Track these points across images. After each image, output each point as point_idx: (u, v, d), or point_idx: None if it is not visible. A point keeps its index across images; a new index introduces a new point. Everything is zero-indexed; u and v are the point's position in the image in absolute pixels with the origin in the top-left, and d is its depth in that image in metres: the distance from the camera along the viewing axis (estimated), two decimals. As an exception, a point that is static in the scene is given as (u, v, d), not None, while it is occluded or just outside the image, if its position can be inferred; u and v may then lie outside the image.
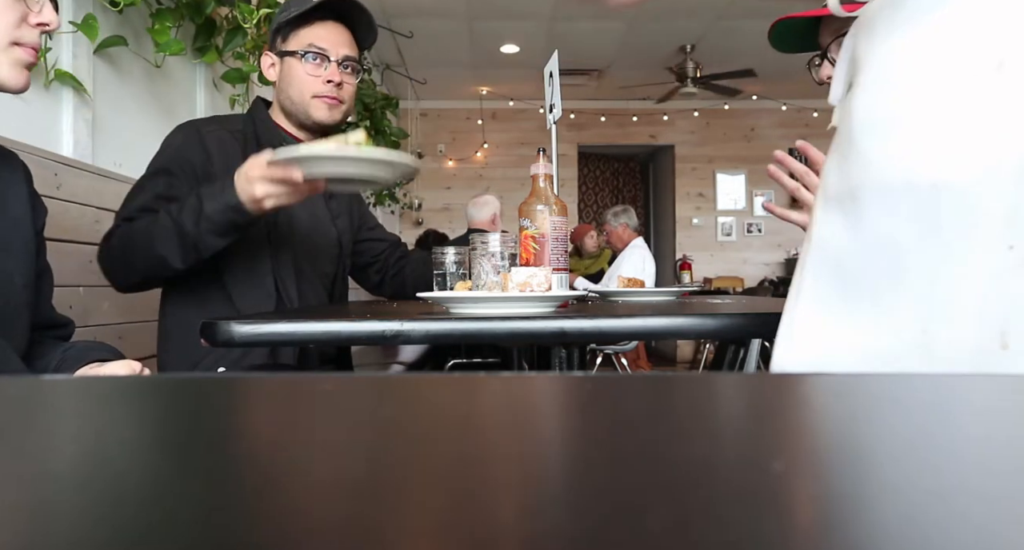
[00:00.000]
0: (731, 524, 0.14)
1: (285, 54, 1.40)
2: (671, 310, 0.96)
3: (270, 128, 1.42)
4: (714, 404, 0.31)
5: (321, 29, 1.39)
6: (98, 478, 0.18)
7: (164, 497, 0.17)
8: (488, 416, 0.28)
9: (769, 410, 0.29)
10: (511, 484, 0.18)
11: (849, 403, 0.31)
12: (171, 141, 1.36)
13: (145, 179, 1.32)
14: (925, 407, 0.29)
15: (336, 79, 1.39)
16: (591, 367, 4.57)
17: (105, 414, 0.28)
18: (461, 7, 4.50)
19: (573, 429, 0.25)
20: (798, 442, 0.24)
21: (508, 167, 6.56)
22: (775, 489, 0.17)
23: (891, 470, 0.19)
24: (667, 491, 0.17)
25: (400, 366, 2.79)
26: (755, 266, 6.65)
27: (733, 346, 2.95)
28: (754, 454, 0.21)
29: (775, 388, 0.35)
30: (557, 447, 0.23)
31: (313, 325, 0.80)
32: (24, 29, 0.86)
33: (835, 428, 0.26)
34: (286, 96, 1.41)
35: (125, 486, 0.18)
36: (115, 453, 0.21)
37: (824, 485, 0.18)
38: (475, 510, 0.16)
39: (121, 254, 1.24)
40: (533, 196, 1.18)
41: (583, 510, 0.15)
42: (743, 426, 0.26)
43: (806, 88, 6.19)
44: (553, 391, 0.33)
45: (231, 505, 0.16)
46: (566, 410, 0.29)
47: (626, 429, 0.24)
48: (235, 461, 0.21)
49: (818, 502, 0.17)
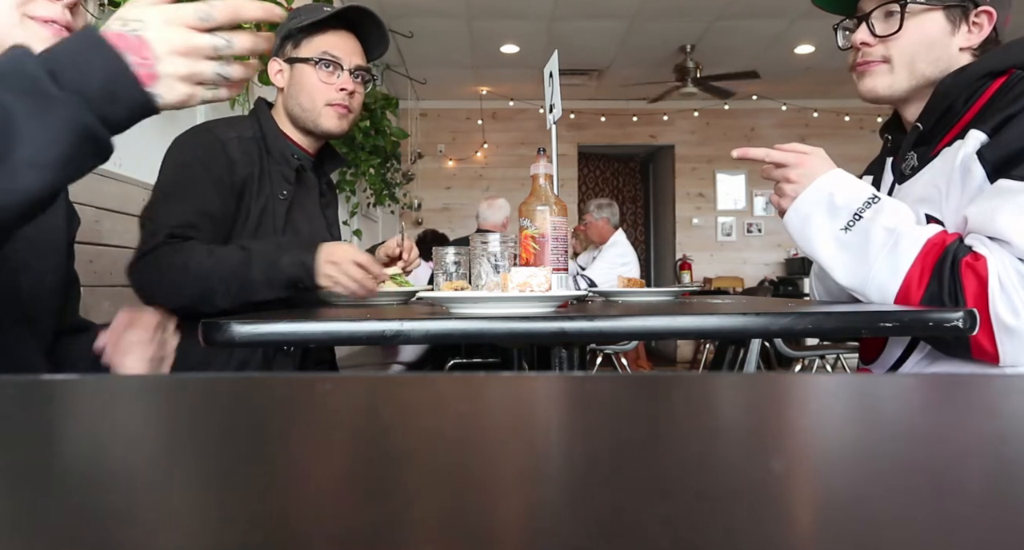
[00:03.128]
0: (731, 524, 0.14)
1: (296, 61, 1.39)
2: (671, 310, 0.96)
3: (277, 135, 1.42)
4: (714, 404, 0.31)
5: (335, 37, 1.39)
6: (97, 477, 0.18)
7: (164, 497, 0.17)
8: (488, 416, 0.28)
9: (769, 410, 0.29)
10: (511, 484, 0.18)
11: (849, 403, 0.31)
12: (191, 149, 1.33)
13: (171, 187, 1.28)
14: (925, 407, 0.29)
15: (349, 87, 1.39)
16: (591, 367, 4.57)
17: (105, 414, 0.28)
18: (461, 7, 4.50)
19: (573, 429, 0.25)
20: (798, 442, 0.24)
21: (508, 167, 6.56)
22: (775, 489, 0.17)
23: (891, 470, 0.19)
24: (667, 491, 0.17)
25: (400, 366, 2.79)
26: (755, 266, 6.65)
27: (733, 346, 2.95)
28: (754, 454, 0.21)
29: (775, 388, 0.35)
30: (557, 447, 0.23)
31: (313, 325, 0.80)
32: (38, 3, 0.79)
33: (835, 428, 0.26)
34: (296, 103, 1.40)
35: (125, 486, 0.18)
36: (115, 452, 0.21)
37: (824, 485, 0.18)
38: (475, 509, 0.16)
39: (168, 275, 1.17)
40: (533, 196, 1.18)
41: (583, 509, 0.15)
42: (743, 426, 0.26)
43: (806, 88, 6.20)
44: (553, 391, 0.33)
45: (232, 504, 0.16)
46: (566, 410, 0.29)
47: (626, 429, 0.24)
48: (235, 461, 0.21)
49: (818, 502, 0.17)
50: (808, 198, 1.09)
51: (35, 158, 0.61)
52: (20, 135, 0.60)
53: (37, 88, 0.61)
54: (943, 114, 1.12)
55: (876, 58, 1.16)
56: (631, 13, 4.62)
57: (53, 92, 0.61)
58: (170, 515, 0.15)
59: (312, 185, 1.49)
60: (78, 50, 0.64)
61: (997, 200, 0.95)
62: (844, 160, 1.17)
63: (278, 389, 0.33)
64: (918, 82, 1.14)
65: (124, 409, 0.30)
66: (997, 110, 1.02)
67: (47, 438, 0.23)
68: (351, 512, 0.15)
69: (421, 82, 5.65)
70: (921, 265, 0.97)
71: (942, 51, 1.12)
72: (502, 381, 0.36)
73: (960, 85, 1.09)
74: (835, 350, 3.72)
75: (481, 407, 0.30)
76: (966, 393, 0.32)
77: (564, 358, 0.96)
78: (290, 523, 0.14)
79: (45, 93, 0.61)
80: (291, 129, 1.44)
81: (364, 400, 0.31)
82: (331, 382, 0.37)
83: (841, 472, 0.19)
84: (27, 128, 0.60)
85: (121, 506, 0.16)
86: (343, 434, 0.24)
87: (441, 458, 0.20)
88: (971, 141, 1.02)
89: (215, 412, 0.30)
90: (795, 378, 0.72)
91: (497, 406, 0.30)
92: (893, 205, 1.04)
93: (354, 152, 4.24)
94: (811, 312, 0.83)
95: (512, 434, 0.24)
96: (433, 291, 1.16)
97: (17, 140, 0.60)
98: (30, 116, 0.60)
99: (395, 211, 6.12)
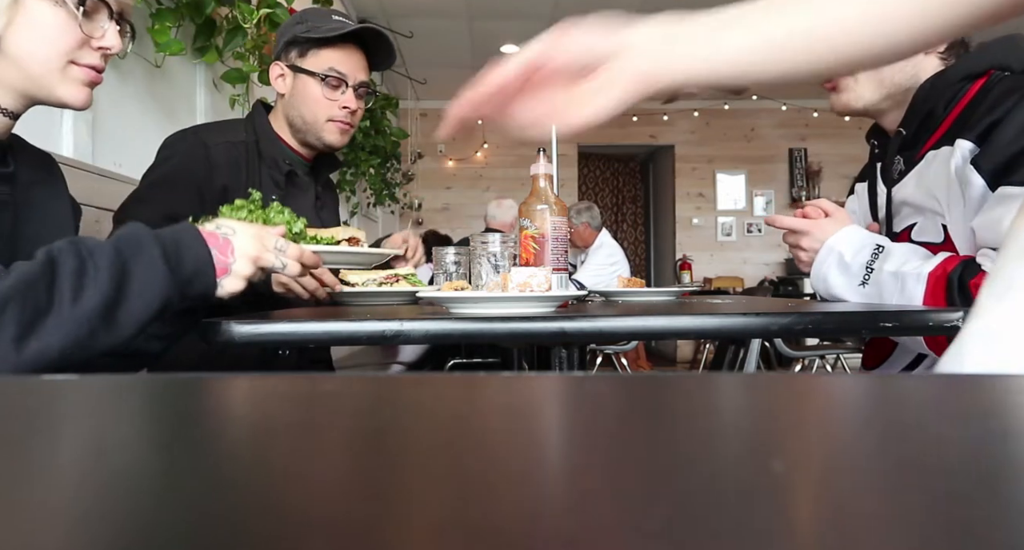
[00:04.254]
0: (731, 524, 0.14)
1: (301, 71, 1.38)
2: (671, 310, 0.96)
3: (272, 140, 1.41)
4: (714, 404, 0.31)
5: (342, 52, 1.38)
6: (97, 477, 0.18)
7: (163, 497, 0.17)
8: (488, 416, 0.28)
9: (769, 410, 0.29)
10: (511, 484, 0.18)
11: (848, 403, 0.31)
12: (174, 152, 1.33)
13: (145, 190, 1.29)
14: (925, 407, 0.29)
15: (353, 106, 1.39)
16: (591, 367, 4.57)
17: (104, 414, 0.28)
18: (461, 7, 4.50)
19: (573, 429, 0.25)
20: (798, 442, 0.24)
21: (508, 167, 6.56)
22: (775, 489, 0.17)
23: (891, 470, 0.19)
24: (667, 491, 0.17)
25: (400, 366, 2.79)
26: (755, 266, 6.65)
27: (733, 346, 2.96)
28: (754, 454, 0.21)
29: (775, 388, 0.35)
30: (557, 447, 0.23)
31: (313, 325, 0.80)
32: (85, 51, 0.89)
33: (835, 428, 0.26)
34: (297, 114, 1.40)
35: (124, 486, 0.18)
36: (114, 453, 0.21)
37: (824, 485, 0.18)
38: (475, 510, 0.16)
39: None
40: (533, 196, 1.18)
41: (583, 509, 0.15)
42: (743, 426, 0.26)
43: (806, 88, 6.20)
44: (553, 391, 0.33)
45: (231, 505, 0.16)
46: (566, 410, 0.29)
47: (626, 429, 0.24)
48: (235, 461, 0.21)
49: (818, 502, 0.17)
50: (821, 262, 1.12)
51: (130, 319, 0.74)
52: (127, 298, 0.73)
53: (151, 262, 0.75)
54: (925, 118, 1.13)
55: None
56: (631, 13, 4.61)
57: (159, 267, 0.75)
58: (169, 515, 0.15)
59: (307, 188, 1.48)
60: (180, 238, 0.79)
61: (1000, 208, 0.96)
62: (844, 160, 1.18)
63: (278, 389, 0.33)
64: (888, 90, 1.16)
65: (124, 409, 0.30)
66: (980, 116, 1.03)
67: (47, 438, 0.23)
68: (350, 512, 0.15)
69: (421, 82, 5.65)
70: (932, 300, 0.99)
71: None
72: (502, 381, 0.36)
73: (940, 89, 1.10)
74: (835, 350, 3.72)
75: (481, 407, 0.30)
76: (966, 393, 0.32)
77: (564, 358, 0.96)
78: (289, 523, 0.14)
79: (154, 267, 0.75)
80: (289, 135, 1.43)
81: (364, 400, 0.31)
82: (331, 382, 0.37)
83: (841, 472, 0.19)
84: (133, 294, 0.74)
85: (120, 506, 0.16)
86: (343, 434, 0.24)
87: (441, 458, 0.20)
88: (959, 151, 1.03)
89: (215, 412, 0.30)
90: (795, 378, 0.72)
91: (497, 406, 0.30)
92: (898, 250, 1.06)
93: (354, 152, 4.24)
94: (811, 312, 0.83)
95: (512, 434, 0.24)
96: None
97: (123, 302, 0.73)
98: (140, 283, 0.74)
99: (395, 211, 6.12)
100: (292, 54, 1.40)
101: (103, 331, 0.72)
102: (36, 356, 0.68)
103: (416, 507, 0.16)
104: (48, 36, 0.85)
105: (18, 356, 0.67)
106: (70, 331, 0.69)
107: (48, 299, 0.69)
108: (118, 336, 0.73)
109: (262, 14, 2.11)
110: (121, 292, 0.73)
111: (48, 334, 0.68)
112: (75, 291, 0.70)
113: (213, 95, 2.34)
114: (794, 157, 6.61)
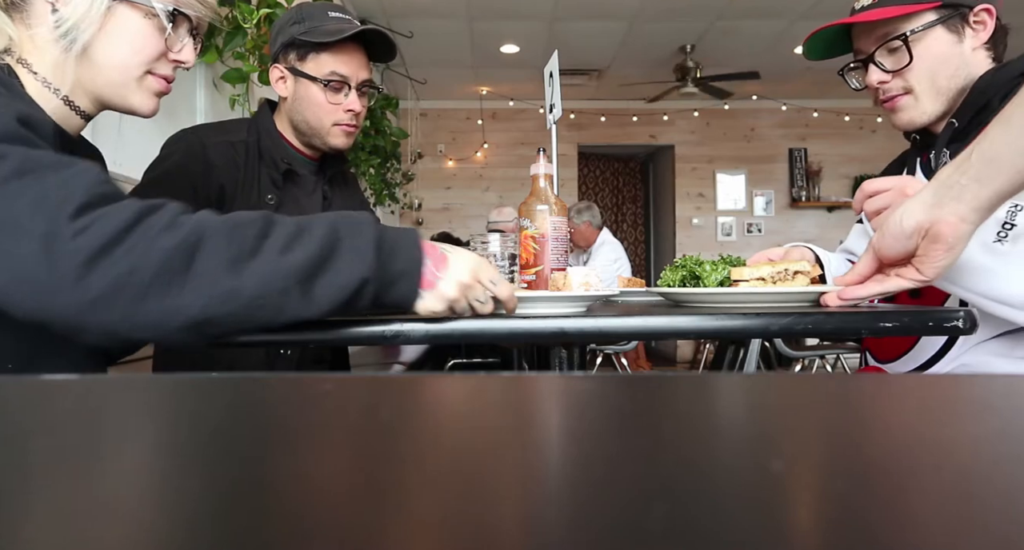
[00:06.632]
0: (731, 523, 0.14)
1: (301, 75, 1.37)
2: (671, 310, 0.96)
3: (275, 140, 1.40)
4: (714, 404, 0.31)
5: (342, 54, 1.36)
6: (97, 477, 0.18)
7: (163, 497, 0.17)
8: (488, 416, 0.28)
9: (769, 410, 0.29)
10: (511, 484, 0.18)
11: (849, 403, 0.31)
12: (172, 151, 1.33)
13: (141, 188, 1.29)
14: (925, 407, 0.29)
15: (357, 108, 1.37)
16: (591, 367, 4.57)
17: (105, 413, 0.28)
18: (461, 7, 4.50)
19: (573, 429, 0.25)
20: (798, 442, 0.24)
21: (508, 167, 6.56)
22: (775, 489, 0.17)
23: (891, 470, 0.19)
24: (667, 491, 0.17)
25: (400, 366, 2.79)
26: (755, 266, 6.64)
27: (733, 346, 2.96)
28: (754, 454, 0.21)
29: (775, 388, 0.35)
30: (557, 447, 0.23)
31: (313, 325, 0.80)
32: (162, 62, 0.92)
33: (835, 428, 0.26)
34: (301, 118, 1.39)
35: (124, 485, 0.18)
36: (114, 452, 0.21)
37: (824, 485, 0.18)
38: (476, 510, 0.16)
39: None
40: (533, 196, 1.18)
41: (583, 509, 0.15)
42: (743, 426, 0.26)
43: (806, 88, 6.20)
44: (553, 391, 0.33)
45: (231, 504, 0.16)
46: (566, 410, 0.29)
47: (626, 429, 0.24)
48: (235, 461, 0.21)
49: (818, 502, 0.17)
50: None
51: (324, 292, 0.73)
52: (327, 271, 0.73)
53: (363, 246, 0.75)
54: (979, 111, 1.11)
55: (898, 92, 1.16)
56: (631, 13, 4.62)
57: (369, 252, 0.75)
58: (170, 515, 0.15)
59: (311, 188, 1.47)
60: (400, 236, 0.80)
61: None
62: (844, 160, 1.17)
63: (278, 389, 0.33)
64: (947, 97, 1.15)
65: (124, 409, 0.30)
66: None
67: (47, 438, 0.23)
68: (351, 511, 0.15)
69: (421, 82, 5.65)
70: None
71: (957, 60, 1.13)
72: (502, 381, 0.36)
73: (998, 83, 1.09)
74: (835, 350, 3.72)
75: (481, 407, 0.30)
76: (966, 393, 0.32)
77: (564, 358, 0.96)
78: (290, 523, 0.14)
79: (364, 251, 0.75)
80: (293, 137, 1.43)
81: (364, 400, 0.31)
82: (331, 382, 0.37)
83: (841, 472, 0.19)
84: (334, 268, 0.73)
85: (120, 506, 0.16)
86: (343, 434, 0.24)
87: (441, 458, 0.20)
88: None
89: (215, 412, 0.30)
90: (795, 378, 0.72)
91: (497, 406, 0.30)
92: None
93: (354, 152, 4.24)
94: (811, 312, 0.83)
95: (512, 434, 0.24)
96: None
97: (323, 273, 0.72)
98: (344, 261, 0.74)
99: (395, 211, 6.12)
100: (291, 57, 1.38)
101: (296, 294, 0.71)
102: (225, 295, 0.67)
103: (416, 506, 0.16)
104: (136, 45, 0.89)
105: (212, 288, 0.66)
106: (267, 281, 0.69)
107: (256, 246, 0.69)
108: (306, 307, 0.72)
109: (262, 14, 2.11)
110: (325, 262, 0.72)
111: (246, 276, 0.68)
112: (285, 246, 0.71)
113: (213, 95, 2.34)
114: (794, 157, 6.61)
